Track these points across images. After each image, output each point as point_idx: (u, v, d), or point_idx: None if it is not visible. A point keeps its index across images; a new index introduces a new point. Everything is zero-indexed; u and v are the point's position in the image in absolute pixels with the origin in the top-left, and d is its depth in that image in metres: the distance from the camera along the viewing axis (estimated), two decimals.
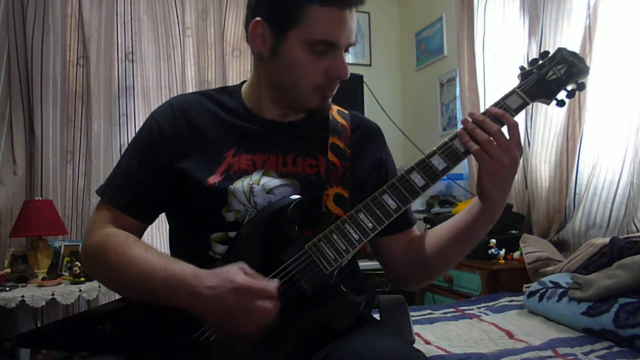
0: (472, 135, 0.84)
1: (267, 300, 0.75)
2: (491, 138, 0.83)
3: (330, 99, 0.95)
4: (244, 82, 1.03)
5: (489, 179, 0.84)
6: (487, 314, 1.81)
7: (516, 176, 2.69)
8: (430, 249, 0.96)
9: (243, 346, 0.78)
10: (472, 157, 0.86)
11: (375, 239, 0.93)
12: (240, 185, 0.89)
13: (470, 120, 0.86)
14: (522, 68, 0.94)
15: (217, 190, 0.88)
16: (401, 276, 1.04)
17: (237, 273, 0.76)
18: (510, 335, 1.55)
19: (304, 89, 0.91)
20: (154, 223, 0.97)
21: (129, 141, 0.97)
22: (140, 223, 0.93)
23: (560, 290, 1.70)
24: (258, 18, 0.90)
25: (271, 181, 0.91)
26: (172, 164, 0.90)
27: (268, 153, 0.93)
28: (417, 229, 1.05)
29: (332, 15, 0.86)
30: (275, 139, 0.95)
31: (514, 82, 0.93)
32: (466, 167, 2.93)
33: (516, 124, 0.85)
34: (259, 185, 0.90)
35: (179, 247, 0.97)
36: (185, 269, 0.78)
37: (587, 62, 0.95)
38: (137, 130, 0.98)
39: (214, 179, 0.89)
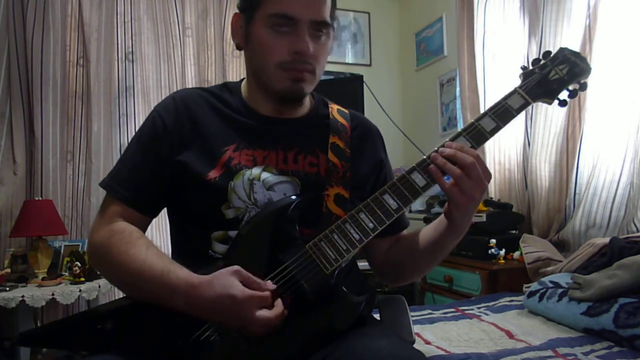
0: (444, 170, 0.82)
1: (266, 309, 0.75)
2: (463, 172, 0.81)
3: (305, 84, 0.92)
4: (244, 78, 1.03)
5: (458, 212, 0.85)
6: (487, 314, 1.81)
7: (516, 176, 2.71)
8: (405, 256, 1.00)
9: (243, 346, 0.78)
10: None
11: None
12: (240, 180, 0.89)
13: (441, 156, 0.83)
14: (524, 68, 0.94)
15: (217, 186, 0.88)
16: (381, 273, 1.07)
17: (235, 284, 0.75)
18: (510, 335, 1.55)
19: (270, 69, 0.91)
20: (154, 222, 0.97)
21: (129, 141, 0.97)
22: (144, 216, 0.93)
23: (560, 290, 1.70)
24: (237, 11, 0.94)
25: (271, 177, 0.91)
26: (173, 157, 0.91)
27: (268, 149, 0.94)
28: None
29: None
30: (276, 136, 0.95)
31: (514, 82, 0.93)
32: None
33: (477, 155, 0.82)
34: (259, 181, 0.90)
35: (180, 246, 0.97)
36: (180, 277, 0.78)
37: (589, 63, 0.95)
38: (137, 130, 0.98)
39: (214, 174, 0.89)
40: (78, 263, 2.33)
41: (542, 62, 0.93)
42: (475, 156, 0.82)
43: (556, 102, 0.92)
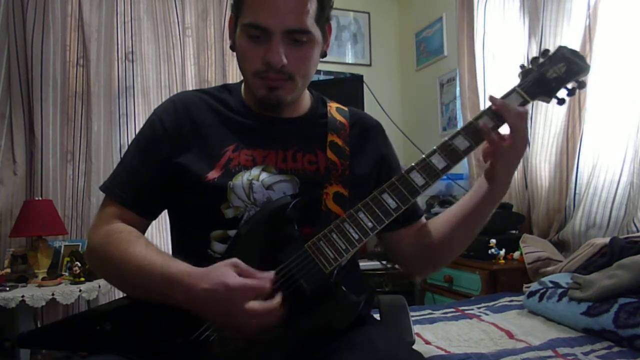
0: (506, 117, 0.85)
1: (259, 301, 0.74)
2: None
3: (283, 91, 0.91)
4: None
5: (504, 164, 0.86)
6: (487, 314, 1.81)
7: (516, 176, 2.71)
8: (438, 236, 0.97)
9: (243, 345, 0.78)
10: (471, 156, 0.85)
11: (384, 234, 0.93)
12: (240, 181, 0.89)
13: (497, 102, 0.87)
14: (522, 66, 0.94)
15: (217, 186, 0.88)
16: (412, 266, 1.05)
17: (230, 274, 0.75)
18: (510, 335, 1.55)
19: (248, 77, 0.92)
20: (154, 222, 0.97)
21: (129, 141, 0.98)
22: (143, 219, 0.94)
23: (560, 290, 1.70)
24: (231, 14, 0.95)
25: (270, 177, 0.91)
26: (173, 159, 0.91)
27: (268, 149, 0.94)
28: (424, 219, 1.05)
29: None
30: (275, 135, 0.95)
31: (514, 82, 0.93)
32: (466, 167, 2.93)
33: (527, 112, 0.86)
34: (258, 181, 0.90)
35: (180, 245, 0.97)
36: (180, 269, 0.78)
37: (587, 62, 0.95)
38: (137, 130, 0.98)
39: (213, 174, 0.89)
40: (78, 263, 2.33)
41: (541, 60, 0.93)
42: (524, 112, 0.86)
43: (554, 100, 0.93)
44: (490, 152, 0.86)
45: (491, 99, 0.88)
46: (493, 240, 2.30)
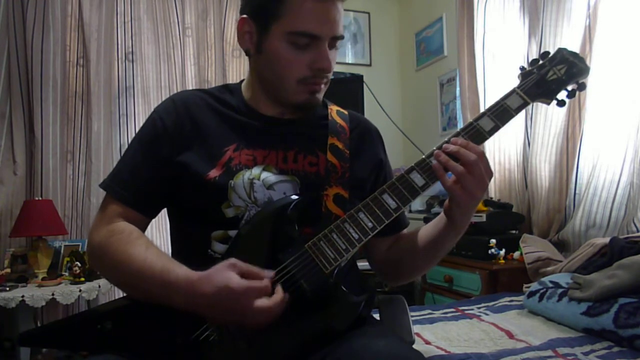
0: (447, 167, 0.82)
1: (265, 297, 0.75)
2: (465, 170, 0.81)
3: (320, 94, 0.94)
4: (244, 80, 1.04)
5: (459, 209, 0.85)
6: (487, 314, 1.81)
7: (516, 176, 2.71)
8: (405, 255, 1.00)
9: (243, 346, 0.78)
10: None
11: None
12: (241, 180, 0.90)
13: (444, 153, 0.83)
14: (522, 68, 0.94)
15: (218, 185, 0.89)
16: (382, 272, 1.08)
17: (232, 277, 0.75)
18: (510, 335, 1.55)
19: (289, 84, 0.91)
20: (154, 222, 0.98)
21: (129, 141, 0.98)
22: (144, 217, 0.94)
23: (560, 290, 1.70)
24: (244, 15, 0.93)
25: (271, 177, 0.91)
26: (174, 158, 0.91)
27: (269, 149, 0.94)
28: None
29: (312, 7, 0.85)
30: (276, 136, 0.96)
31: (514, 82, 0.93)
32: None
33: (482, 152, 0.82)
34: (259, 180, 0.90)
35: (180, 246, 0.97)
36: (180, 275, 0.78)
37: (587, 62, 0.95)
38: (137, 130, 0.98)
39: (214, 173, 0.90)
40: (78, 263, 2.33)
41: (540, 62, 0.94)
42: (479, 153, 0.82)
43: (554, 102, 0.93)
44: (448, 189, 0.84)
45: (453, 141, 0.84)
46: (493, 240, 2.30)
